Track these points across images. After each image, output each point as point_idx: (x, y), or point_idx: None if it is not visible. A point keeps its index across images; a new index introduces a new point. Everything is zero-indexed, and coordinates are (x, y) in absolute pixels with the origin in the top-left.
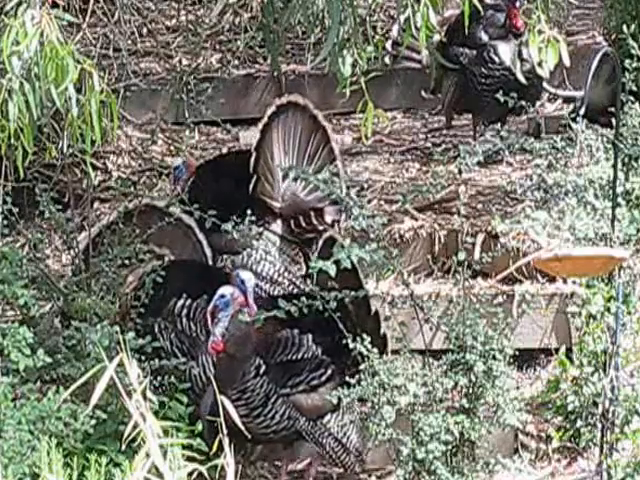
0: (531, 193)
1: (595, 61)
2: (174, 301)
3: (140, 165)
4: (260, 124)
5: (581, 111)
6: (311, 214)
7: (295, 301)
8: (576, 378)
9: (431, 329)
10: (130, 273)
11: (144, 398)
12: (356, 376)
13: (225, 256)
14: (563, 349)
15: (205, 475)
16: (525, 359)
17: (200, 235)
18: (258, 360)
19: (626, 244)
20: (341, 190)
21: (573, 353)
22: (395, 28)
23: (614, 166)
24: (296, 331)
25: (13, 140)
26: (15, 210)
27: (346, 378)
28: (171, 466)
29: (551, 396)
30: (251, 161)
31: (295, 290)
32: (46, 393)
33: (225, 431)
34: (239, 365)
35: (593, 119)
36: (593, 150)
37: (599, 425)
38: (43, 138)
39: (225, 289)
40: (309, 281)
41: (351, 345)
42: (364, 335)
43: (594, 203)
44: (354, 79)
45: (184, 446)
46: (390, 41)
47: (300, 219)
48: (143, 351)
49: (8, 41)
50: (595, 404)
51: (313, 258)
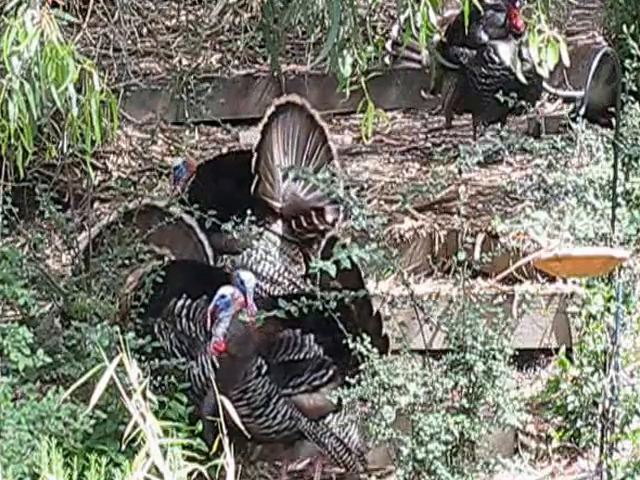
0: (531, 193)
1: (595, 61)
2: (174, 301)
3: (140, 165)
4: (260, 124)
5: (581, 111)
6: (312, 213)
7: (295, 301)
8: (576, 378)
9: (431, 329)
10: (130, 273)
11: (144, 398)
12: (357, 376)
13: (225, 256)
14: (563, 349)
15: (205, 475)
16: (525, 359)
17: (201, 235)
18: (260, 360)
19: (626, 244)
20: (340, 190)
21: (573, 353)
22: (395, 28)
23: (614, 166)
24: (298, 331)
25: (13, 140)
26: (15, 210)
27: (348, 378)
28: (171, 466)
29: (551, 396)
30: (252, 162)
31: (295, 290)
32: (46, 393)
33: (225, 431)
34: (241, 365)
35: (593, 119)
36: (593, 150)
37: (599, 425)
38: (43, 138)
39: (225, 289)
40: (309, 281)
41: (351, 345)
42: (366, 335)
43: (594, 203)
44: (354, 79)
45: (184, 446)
46: (390, 41)
47: (301, 219)
48: (143, 351)
49: (8, 41)
50: (595, 404)
51: (314, 259)
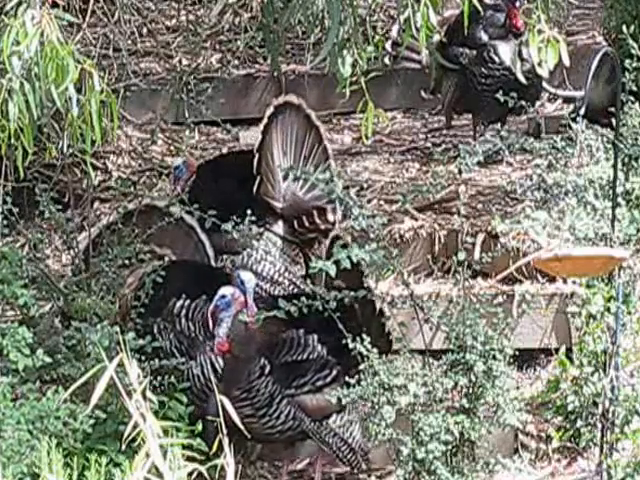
0: (531, 193)
1: (595, 61)
2: (173, 301)
3: (140, 165)
4: (261, 125)
5: (581, 111)
6: (314, 213)
7: (296, 301)
8: (576, 378)
9: (431, 329)
10: (130, 273)
11: (144, 398)
12: (357, 376)
13: (225, 256)
14: (563, 349)
15: (205, 475)
16: (525, 359)
17: (202, 235)
18: (263, 360)
19: (626, 244)
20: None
21: (573, 353)
22: (395, 28)
23: (614, 166)
24: (301, 331)
25: (13, 140)
26: (15, 210)
27: (351, 379)
28: (171, 466)
29: (551, 396)
30: (254, 162)
31: (295, 290)
32: (46, 393)
33: (226, 431)
34: (244, 365)
35: (593, 119)
36: (593, 150)
37: (599, 425)
38: (43, 138)
39: (226, 289)
40: (310, 281)
41: (351, 345)
42: (370, 335)
43: (594, 203)
44: (354, 79)
45: (184, 446)
46: (390, 41)
47: (303, 219)
48: (143, 351)
49: (8, 41)
50: (595, 404)
51: (314, 259)
